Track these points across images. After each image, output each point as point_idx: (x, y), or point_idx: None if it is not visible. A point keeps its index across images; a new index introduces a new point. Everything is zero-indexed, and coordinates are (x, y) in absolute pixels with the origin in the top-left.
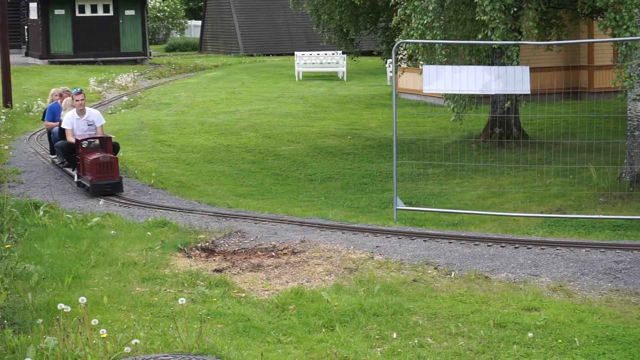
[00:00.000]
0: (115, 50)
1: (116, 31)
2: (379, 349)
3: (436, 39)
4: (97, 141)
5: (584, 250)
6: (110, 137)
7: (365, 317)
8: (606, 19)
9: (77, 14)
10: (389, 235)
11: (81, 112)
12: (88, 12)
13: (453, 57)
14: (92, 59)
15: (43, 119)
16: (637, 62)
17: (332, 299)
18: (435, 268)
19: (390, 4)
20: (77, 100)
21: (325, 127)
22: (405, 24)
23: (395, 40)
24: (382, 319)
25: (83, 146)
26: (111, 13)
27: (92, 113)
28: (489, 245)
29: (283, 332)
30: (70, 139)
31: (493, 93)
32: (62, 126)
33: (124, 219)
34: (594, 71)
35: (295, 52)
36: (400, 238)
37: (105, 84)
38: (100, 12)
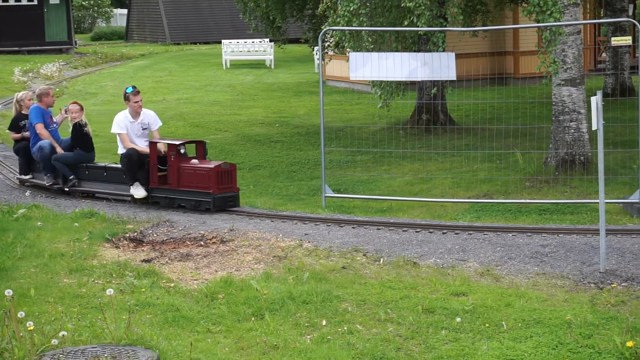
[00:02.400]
0: (40, 39)
1: (41, 20)
2: (308, 337)
3: (362, 26)
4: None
5: (510, 234)
6: (205, 142)
7: (294, 305)
8: (530, 5)
9: (1, 3)
10: (317, 223)
11: (136, 114)
12: (12, 1)
13: (379, 44)
14: (16, 48)
15: (12, 129)
16: (561, 47)
17: (261, 288)
18: (364, 255)
19: None
20: (136, 102)
21: (253, 115)
22: (332, 11)
23: (322, 27)
24: (312, 307)
25: (181, 152)
26: (35, 2)
27: (148, 115)
28: (417, 231)
29: (212, 321)
30: (130, 145)
31: (419, 80)
32: (116, 131)
33: (51, 210)
34: (519, 57)
35: (223, 41)
36: (329, 225)
37: (30, 74)
38: (24, 1)
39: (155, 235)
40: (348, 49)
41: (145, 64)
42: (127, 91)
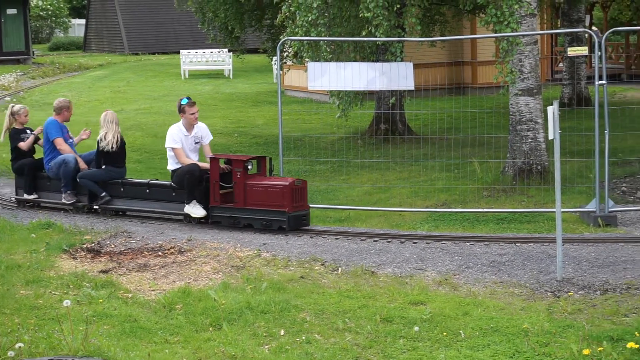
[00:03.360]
0: None
1: None
2: (266, 347)
3: (321, 36)
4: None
5: (468, 243)
6: (269, 158)
7: (252, 314)
8: (488, 15)
9: None
10: (276, 233)
11: (190, 127)
12: None
13: (338, 54)
14: None
15: (16, 142)
16: (518, 57)
17: (219, 298)
18: (322, 264)
19: (274, 2)
20: (192, 114)
21: (212, 125)
22: (290, 22)
23: (281, 37)
24: (270, 317)
25: (248, 168)
26: None
27: (201, 128)
28: (375, 241)
29: (170, 331)
30: (188, 160)
31: (378, 89)
32: (172, 145)
33: (7, 221)
34: (477, 67)
35: (181, 51)
36: (287, 235)
37: None
38: None
39: (113, 245)
40: (306, 59)
41: (103, 74)
42: (183, 103)
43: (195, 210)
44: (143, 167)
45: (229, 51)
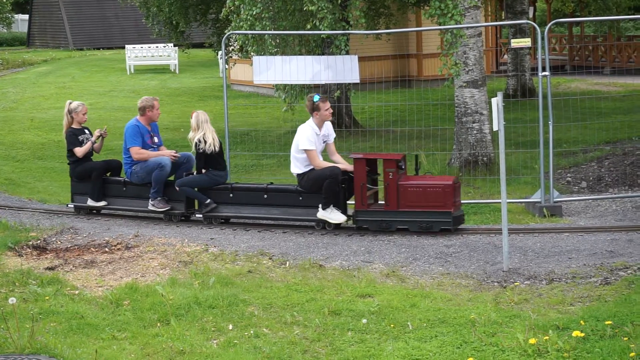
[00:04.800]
0: None
1: None
2: (215, 341)
3: (265, 30)
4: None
5: (415, 235)
6: (415, 155)
7: (200, 309)
8: (432, 8)
9: None
10: (223, 227)
11: (321, 126)
12: None
13: (283, 47)
14: None
15: (73, 145)
16: (462, 49)
17: (167, 293)
18: (270, 258)
19: None
20: (327, 110)
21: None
22: (235, 15)
23: (226, 31)
24: (218, 311)
25: (402, 167)
26: None
27: (327, 125)
28: (322, 234)
29: (118, 328)
30: (323, 163)
31: (323, 82)
32: (308, 147)
33: None
34: (422, 59)
35: (126, 46)
36: (234, 230)
37: None
38: None
39: (59, 242)
40: (252, 53)
41: (47, 70)
42: (315, 99)
43: (334, 215)
44: None
45: (175, 46)
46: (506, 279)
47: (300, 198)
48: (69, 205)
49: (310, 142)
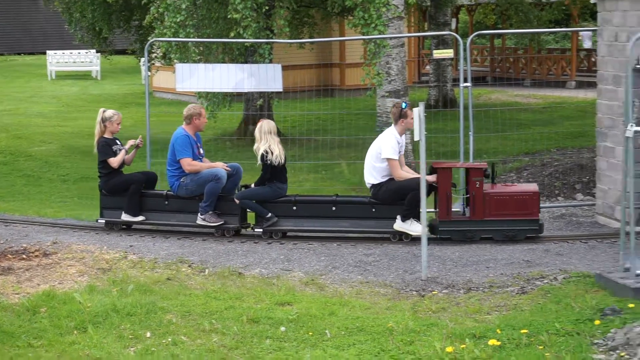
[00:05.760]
0: None
1: None
2: (132, 349)
3: (189, 37)
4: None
5: (335, 244)
6: (492, 164)
7: (118, 317)
8: (356, 18)
9: None
10: (143, 235)
11: (402, 134)
12: None
13: (207, 55)
14: None
15: (106, 155)
16: (385, 59)
17: (84, 300)
18: (189, 266)
19: (143, 2)
20: (412, 118)
21: (79, 126)
22: (159, 22)
23: (149, 38)
24: (136, 319)
25: (488, 176)
26: None
27: (404, 136)
28: (242, 242)
29: (34, 335)
30: (403, 174)
31: (246, 91)
32: (393, 156)
33: None
34: (345, 69)
35: (47, 51)
36: (154, 237)
37: None
38: None
39: None
40: (175, 60)
41: None
42: (404, 106)
43: (414, 227)
44: (8, 169)
45: (97, 52)
46: (424, 288)
47: (373, 210)
48: (98, 221)
49: (395, 152)
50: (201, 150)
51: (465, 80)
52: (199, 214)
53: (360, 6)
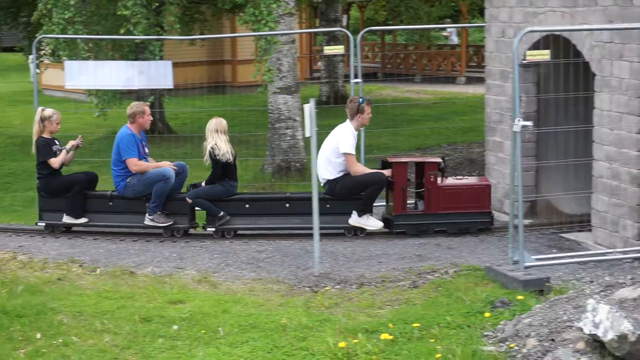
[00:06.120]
0: None
1: None
2: (22, 351)
3: (78, 34)
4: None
5: (228, 241)
6: (442, 157)
7: (8, 319)
8: (246, 15)
9: None
10: (32, 235)
11: (358, 130)
12: None
13: (96, 52)
14: None
15: (47, 156)
16: (276, 56)
17: None
18: (80, 265)
19: None
20: (369, 114)
21: None
22: (47, 19)
23: (37, 35)
24: (26, 320)
25: (441, 168)
26: None
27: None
28: (134, 241)
29: None
30: (364, 169)
31: (136, 88)
32: (351, 151)
33: None
34: (237, 65)
35: None
36: (44, 237)
37: None
38: None
39: None
40: (63, 58)
41: None
42: (361, 101)
43: (371, 222)
44: None
45: None
46: (317, 284)
47: (328, 205)
48: (38, 224)
49: (353, 146)
50: (146, 150)
51: (356, 77)
52: (146, 214)
53: (251, 3)
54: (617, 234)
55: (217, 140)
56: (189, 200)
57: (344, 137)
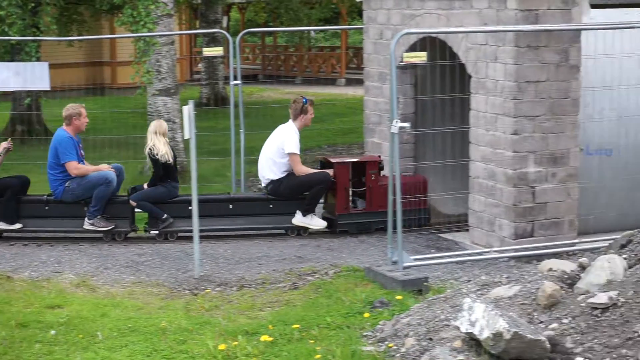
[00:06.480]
0: None
1: None
2: None
3: None
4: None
5: (107, 245)
6: (378, 156)
7: None
8: (124, 16)
9: None
10: None
11: (301, 130)
12: None
13: None
14: None
15: None
16: (155, 57)
17: None
18: None
19: None
20: (312, 114)
21: None
22: None
23: None
24: None
25: (381, 167)
26: None
27: None
28: (11, 245)
29: None
30: (305, 169)
31: (12, 90)
32: (296, 151)
33: None
34: (116, 67)
35: None
36: None
37: None
38: None
39: None
40: None
41: None
42: (304, 102)
43: (315, 222)
44: None
45: None
46: (197, 286)
47: (271, 206)
48: None
49: (298, 146)
50: (82, 152)
51: (236, 78)
52: (86, 218)
53: (129, 4)
54: (493, 234)
55: (156, 141)
56: (134, 203)
57: (289, 137)
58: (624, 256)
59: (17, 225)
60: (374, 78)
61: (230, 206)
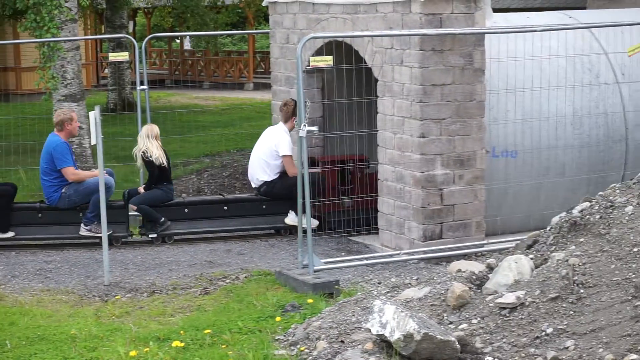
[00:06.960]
0: None
1: None
2: None
3: None
4: None
5: (14, 252)
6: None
7: None
8: (28, 21)
9: None
10: None
11: (290, 132)
12: None
13: None
14: None
15: None
16: (60, 63)
17: None
18: None
19: None
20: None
21: None
22: None
23: None
24: None
25: (369, 167)
26: None
27: None
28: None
29: None
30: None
31: None
32: (288, 153)
33: None
34: (21, 73)
35: None
36: None
37: None
38: None
39: None
40: None
41: None
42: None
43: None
44: None
45: None
46: (107, 293)
47: (264, 207)
48: None
49: (291, 148)
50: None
51: (142, 83)
52: (82, 224)
53: (33, 9)
54: (403, 236)
55: (149, 145)
56: (134, 207)
57: (282, 140)
58: (531, 256)
59: (10, 234)
60: (282, 82)
61: (225, 208)
